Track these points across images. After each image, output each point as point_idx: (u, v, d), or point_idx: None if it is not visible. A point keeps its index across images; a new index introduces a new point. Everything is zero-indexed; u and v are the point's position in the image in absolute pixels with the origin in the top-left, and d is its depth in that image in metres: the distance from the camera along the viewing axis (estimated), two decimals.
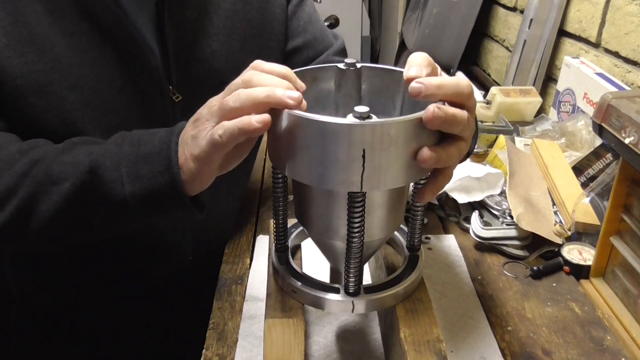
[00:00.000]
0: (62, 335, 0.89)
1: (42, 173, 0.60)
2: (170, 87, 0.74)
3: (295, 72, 0.58)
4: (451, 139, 0.53)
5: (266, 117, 0.49)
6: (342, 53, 0.97)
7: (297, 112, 0.50)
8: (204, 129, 0.53)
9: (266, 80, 0.52)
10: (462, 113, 0.51)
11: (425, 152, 0.51)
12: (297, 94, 0.50)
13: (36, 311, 0.89)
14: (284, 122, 0.51)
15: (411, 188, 0.62)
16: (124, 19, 0.68)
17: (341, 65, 0.62)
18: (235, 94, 0.51)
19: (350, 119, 0.49)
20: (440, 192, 0.57)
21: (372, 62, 1.01)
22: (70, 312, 0.87)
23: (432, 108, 0.49)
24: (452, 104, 0.53)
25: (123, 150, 0.58)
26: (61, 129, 0.67)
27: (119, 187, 0.58)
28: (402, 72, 0.60)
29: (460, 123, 0.51)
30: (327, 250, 0.62)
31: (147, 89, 0.73)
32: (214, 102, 0.54)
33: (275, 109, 0.51)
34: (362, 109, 0.48)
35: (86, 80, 0.68)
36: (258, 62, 0.55)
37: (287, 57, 0.91)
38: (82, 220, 0.62)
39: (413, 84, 0.51)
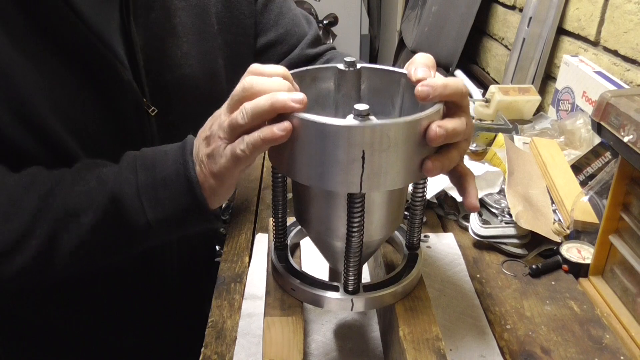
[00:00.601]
0: (49, 347, 0.87)
1: (57, 208, 0.58)
2: (145, 100, 0.71)
3: (294, 73, 0.58)
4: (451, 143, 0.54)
5: (287, 124, 0.49)
6: (316, 42, 0.94)
7: (297, 113, 0.50)
8: (219, 146, 0.54)
9: (267, 85, 0.51)
10: (460, 123, 0.52)
11: (429, 164, 0.52)
12: (300, 96, 0.50)
13: (18, 325, 0.86)
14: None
15: (410, 188, 0.62)
16: (89, 36, 0.65)
17: (341, 66, 0.62)
18: (242, 109, 0.51)
19: (349, 120, 0.49)
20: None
21: (371, 60, 1.01)
22: (54, 324, 0.84)
23: (434, 128, 0.50)
24: (448, 103, 0.54)
25: (139, 176, 0.58)
26: (40, 153, 0.64)
27: (141, 213, 0.58)
28: (401, 72, 0.61)
29: (460, 133, 0.52)
30: (326, 250, 0.62)
31: (121, 106, 0.70)
32: (223, 118, 0.54)
33: None
34: (362, 106, 0.48)
35: (60, 102, 0.65)
36: (256, 66, 0.54)
37: (259, 54, 0.89)
38: (105, 248, 0.61)
39: (421, 88, 0.52)
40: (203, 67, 0.78)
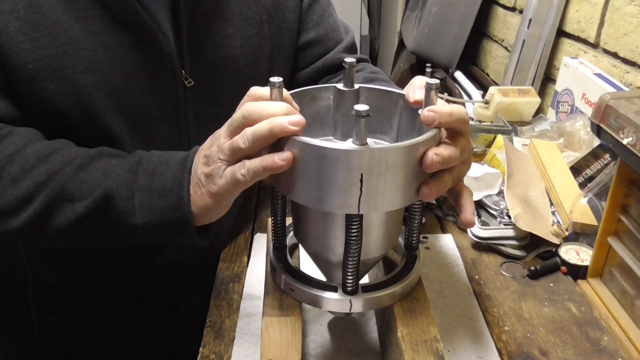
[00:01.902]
0: (75, 314, 0.91)
1: (58, 189, 0.61)
2: (183, 72, 0.75)
3: (294, 93, 0.60)
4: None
5: (288, 154, 0.51)
6: (351, 49, 0.98)
7: (297, 137, 0.51)
8: (218, 167, 0.55)
9: (265, 110, 0.52)
10: (456, 150, 0.54)
11: (425, 190, 0.53)
12: (297, 118, 0.51)
13: (50, 290, 0.91)
14: (284, 145, 0.52)
15: None
16: (136, 6, 0.69)
17: (340, 86, 0.64)
18: (243, 134, 0.53)
19: (348, 145, 0.50)
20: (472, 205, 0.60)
21: (371, 61, 1.01)
22: (78, 293, 0.89)
23: (430, 155, 0.51)
24: (449, 129, 0.55)
25: (137, 180, 0.60)
26: (74, 112, 0.69)
27: (131, 216, 0.60)
28: (399, 93, 0.63)
29: (455, 159, 0.54)
30: (323, 266, 0.63)
31: (159, 74, 0.74)
32: (222, 140, 0.55)
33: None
34: (362, 107, 0.49)
35: (99, 65, 0.69)
36: (255, 90, 0.56)
37: (300, 50, 0.93)
38: (93, 236, 0.64)
39: (427, 113, 0.53)
40: (245, 51, 0.82)
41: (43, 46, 0.65)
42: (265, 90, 0.55)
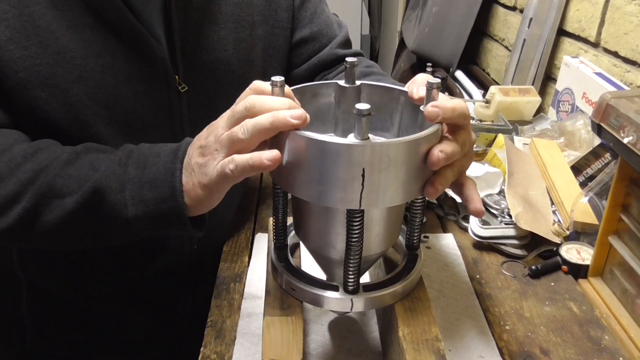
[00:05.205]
0: (70, 318, 0.91)
1: (45, 185, 0.60)
2: (177, 77, 0.75)
3: (295, 89, 0.59)
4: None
5: (276, 154, 0.51)
6: (346, 44, 0.98)
7: (298, 131, 0.50)
8: (213, 159, 0.54)
9: (268, 103, 0.52)
10: (457, 146, 0.54)
11: (430, 189, 0.54)
12: (299, 112, 0.51)
13: (43, 295, 0.91)
14: (285, 140, 0.51)
15: None
16: (127, 13, 0.69)
17: (341, 82, 0.63)
18: (242, 125, 0.52)
19: (350, 139, 0.50)
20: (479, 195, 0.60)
21: (371, 60, 1.01)
22: (74, 298, 0.88)
23: (435, 153, 0.52)
24: (450, 124, 0.55)
25: (128, 172, 0.59)
26: (65, 120, 0.68)
27: (122, 209, 0.59)
28: (400, 90, 0.63)
29: (457, 154, 0.54)
30: (324, 263, 0.63)
31: (153, 80, 0.73)
32: (220, 131, 0.54)
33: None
34: (363, 106, 0.49)
35: (90, 73, 0.69)
36: (257, 83, 0.55)
37: (294, 48, 0.93)
38: (83, 233, 0.63)
39: (431, 109, 0.53)
40: (238, 53, 0.82)
41: (34, 55, 0.65)
42: (267, 85, 0.54)
